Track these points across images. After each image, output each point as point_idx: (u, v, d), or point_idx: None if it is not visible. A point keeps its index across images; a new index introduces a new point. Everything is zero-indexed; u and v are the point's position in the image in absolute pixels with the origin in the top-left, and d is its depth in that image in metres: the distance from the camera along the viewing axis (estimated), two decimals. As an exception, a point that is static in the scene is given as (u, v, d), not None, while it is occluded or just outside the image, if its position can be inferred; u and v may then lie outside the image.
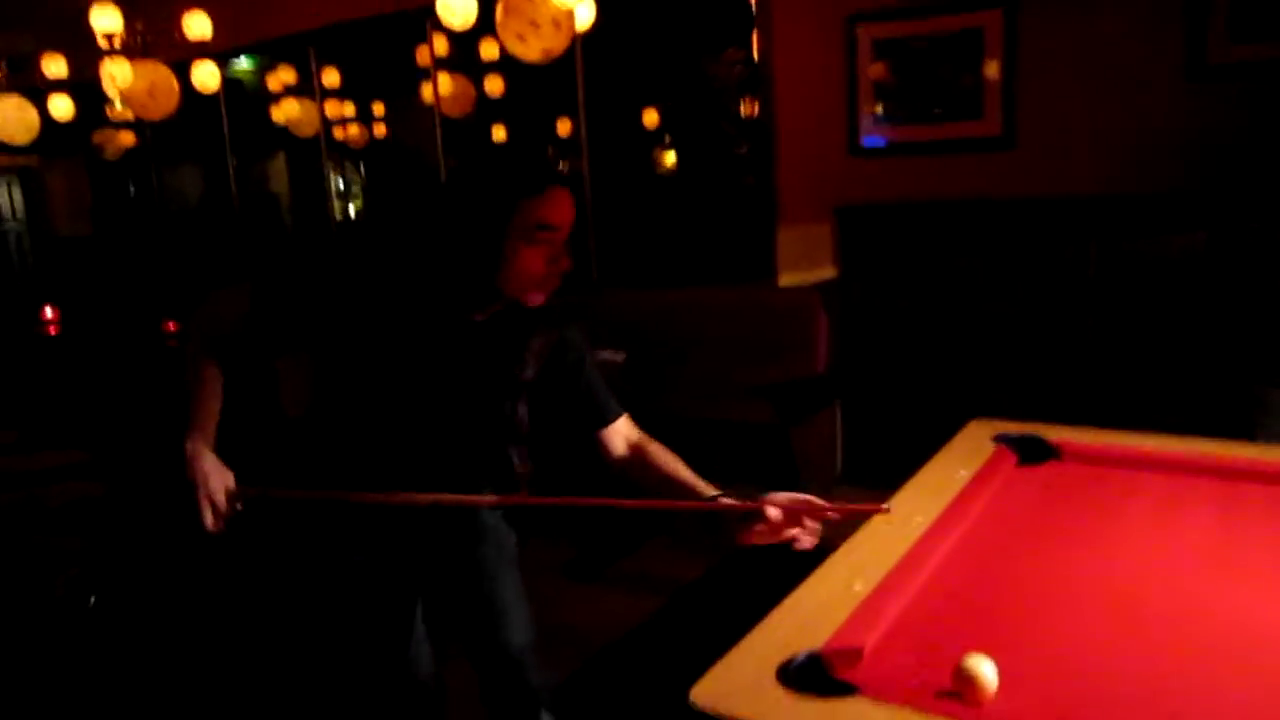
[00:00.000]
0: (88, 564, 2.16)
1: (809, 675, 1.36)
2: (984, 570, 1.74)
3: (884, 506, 1.57)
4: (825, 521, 1.55)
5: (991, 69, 3.84)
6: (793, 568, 1.69)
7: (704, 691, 1.33)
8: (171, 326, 5.40)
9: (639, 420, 1.87)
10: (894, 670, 1.38)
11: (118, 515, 3.15)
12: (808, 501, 1.53)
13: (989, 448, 2.30)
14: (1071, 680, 1.37)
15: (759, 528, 1.54)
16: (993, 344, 3.97)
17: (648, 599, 3.46)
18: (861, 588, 1.60)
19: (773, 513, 1.52)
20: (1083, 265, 3.72)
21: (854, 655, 1.39)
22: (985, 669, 1.30)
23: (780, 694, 1.32)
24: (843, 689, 1.32)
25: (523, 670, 1.91)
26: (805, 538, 1.53)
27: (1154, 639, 1.47)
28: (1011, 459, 2.25)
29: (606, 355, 4.24)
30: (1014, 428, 2.41)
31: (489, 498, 1.79)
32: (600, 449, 1.83)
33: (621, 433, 1.83)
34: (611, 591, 3.49)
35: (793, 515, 1.53)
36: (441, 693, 1.97)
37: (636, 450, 1.81)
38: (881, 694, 1.31)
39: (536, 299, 1.67)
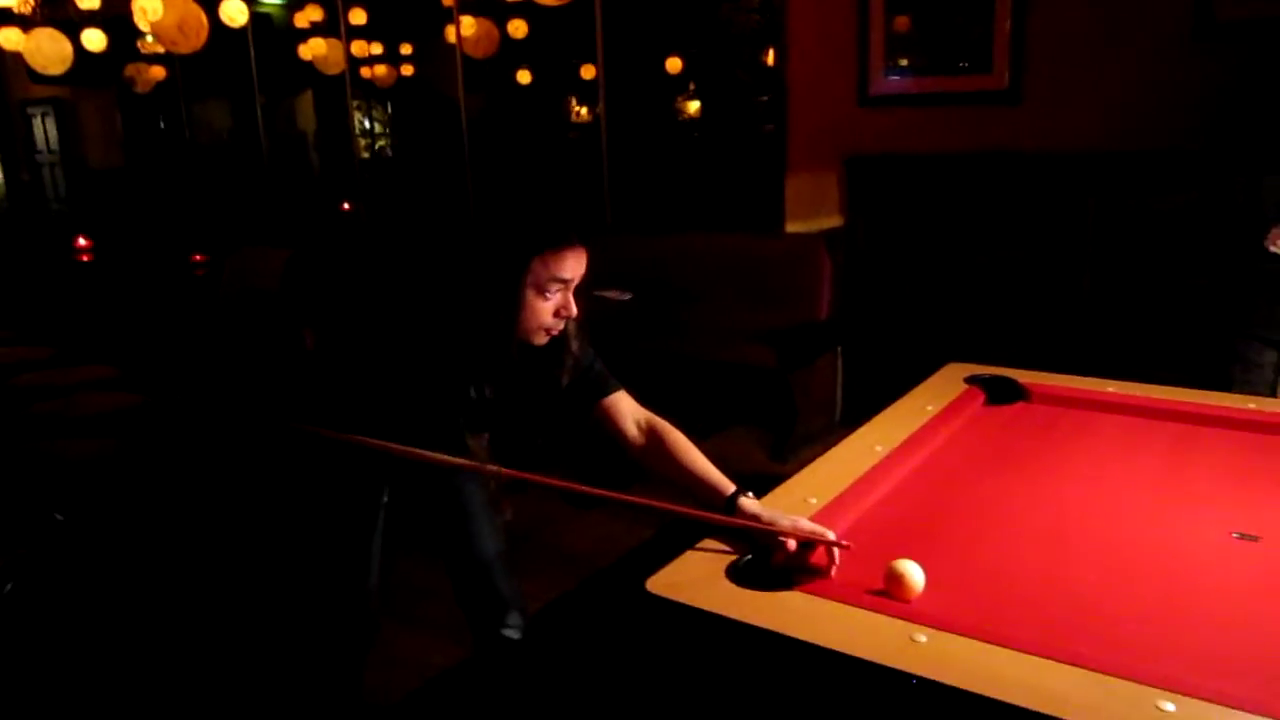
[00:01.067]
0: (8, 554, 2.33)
1: (754, 572, 1.50)
2: (933, 493, 1.87)
3: (845, 544, 1.53)
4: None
5: (1002, 23, 3.88)
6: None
7: (659, 582, 1.48)
8: (198, 258, 5.57)
9: (642, 360, 1.94)
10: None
11: (148, 422, 3.38)
12: (816, 533, 1.54)
13: (960, 387, 2.43)
14: (994, 587, 1.51)
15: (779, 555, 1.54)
16: (991, 294, 4.07)
17: (643, 528, 3.62)
18: (816, 502, 1.74)
19: (791, 544, 1.53)
20: (1081, 220, 3.80)
21: (791, 557, 1.53)
22: (911, 569, 1.44)
23: (726, 586, 1.47)
24: (783, 584, 1.47)
25: (491, 575, 2.07)
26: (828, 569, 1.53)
27: (1077, 557, 1.60)
28: (979, 398, 2.38)
29: (613, 294, 4.37)
30: (987, 370, 2.52)
31: (510, 470, 1.80)
32: (609, 426, 1.86)
33: (626, 410, 1.86)
34: (611, 519, 3.65)
35: (806, 545, 1.54)
36: (381, 598, 2.08)
37: (649, 433, 1.83)
38: (815, 590, 1.45)
39: (540, 340, 1.75)
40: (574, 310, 1.74)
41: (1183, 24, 3.51)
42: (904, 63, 4.17)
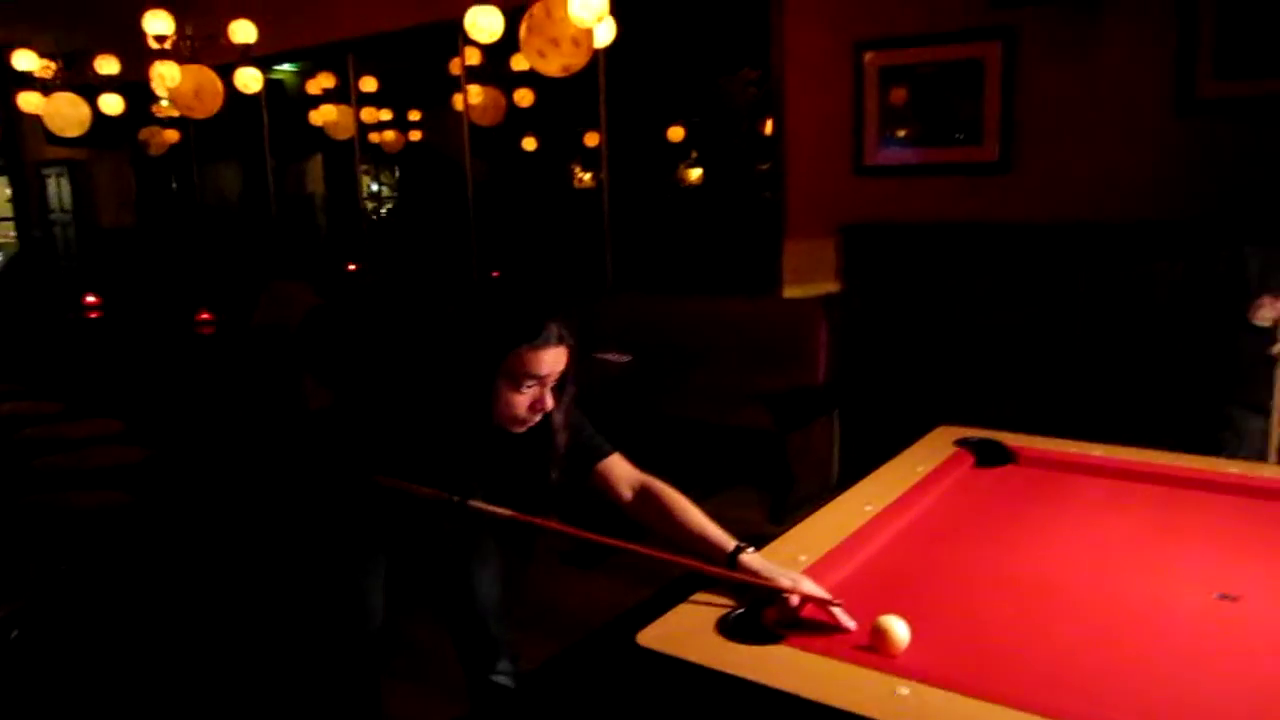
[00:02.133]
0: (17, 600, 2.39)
1: (743, 626, 1.54)
2: (921, 552, 1.91)
3: (851, 626, 1.54)
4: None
5: (991, 98, 4.01)
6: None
7: (650, 635, 1.52)
8: (205, 315, 5.66)
9: (641, 421, 1.99)
10: (821, 628, 1.55)
11: (153, 474, 3.44)
12: (813, 592, 1.57)
13: (950, 450, 2.47)
14: (977, 643, 1.55)
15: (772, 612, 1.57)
16: (985, 359, 4.13)
17: (643, 589, 3.64)
18: (806, 559, 1.78)
19: (795, 600, 1.57)
20: (1072, 287, 3.88)
21: (788, 611, 1.57)
22: (897, 625, 1.48)
23: (717, 640, 1.51)
24: (771, 638, 1.50)
25: (486, 621, 2.13)
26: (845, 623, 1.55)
27: (1060, 615, 1.64)
28: (968, 460, 2.42)
29: (612, 356, 4.44)
30: (976, 433, 2.57)
31: (520, 514, 1.82)
32: (606, 489, 1.91)
33: (621, 473, 1.92)
34: (608, 580, 3.67)
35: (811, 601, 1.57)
36: (388, 642, 2.12)
37: (645, 492, 1.89)
38: (805, 645, 1.49)
39: (516, 429, 1.81)
40: (549, 405, 1.78)
41: (1165, 100, 3.62)
42: (898, 134, 4.30)
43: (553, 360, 1.75)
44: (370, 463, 1.88)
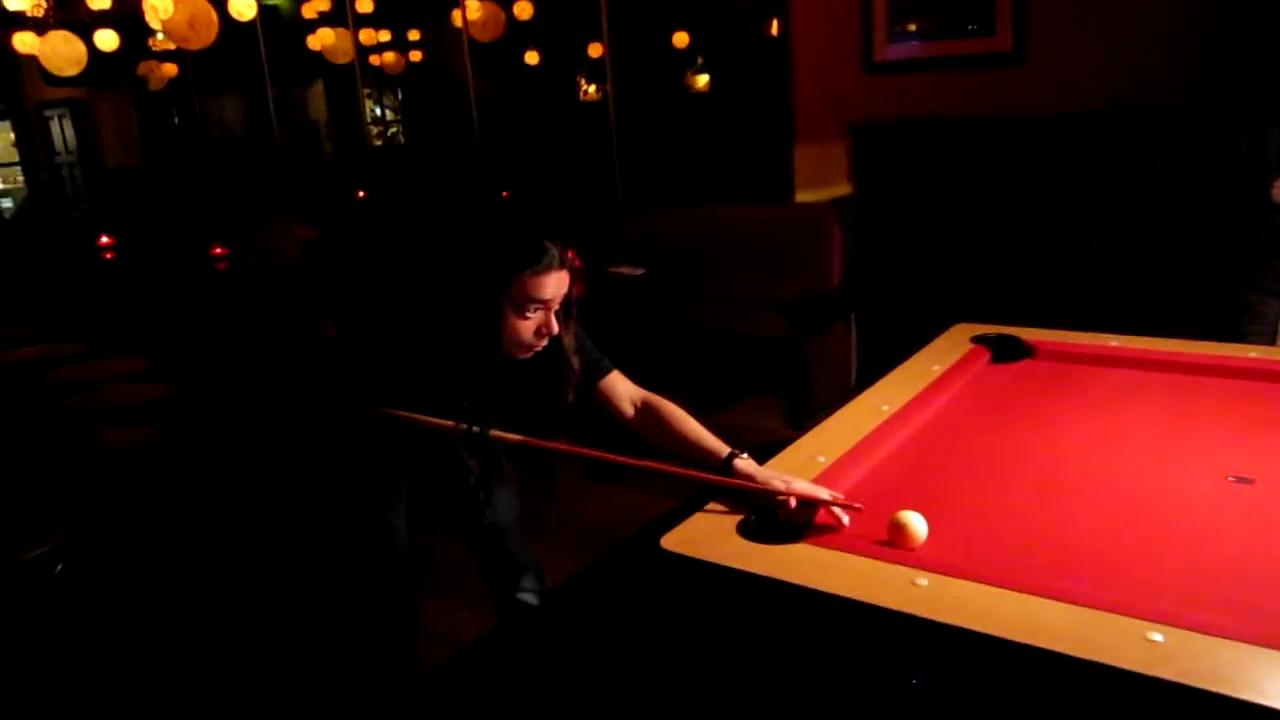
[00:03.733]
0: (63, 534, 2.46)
1: (762, 527, 1.57)
2: (937, 449, 1.93)
3: (857, 505, 1.59)
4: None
5: (1004, -16, 3.89)
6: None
7: (672, 539, 1.55)
8: (219, 250, 5.67)
9: (658, 333, 1.98)
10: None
11: (179, 410, 3.50)
12: (807, 492, 1.60)
13: (967, 347, 2.47)
14: (992, 534, 1.57)
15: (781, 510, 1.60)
16: (1001, 255, 4.09)
17: (664, 499, 3.70)
18: (825, 460, 1.81)
19: (792, 502, 1.60)
20: (1088, 178, 3.81)
21: (791, 512, 1.59)
22: (913, 519, 1.50)
23: (737, 541, 1.54)
24: (791, 537, 1.53)
25: (505, 540, 2.17)
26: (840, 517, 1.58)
27: (1074, 504, 1.66)
28: (985, 356, 2.42)
29: (625, 270, 4.43)
30: (993, 329, 2.57)
31: (530, 438, 1.83)
32: (606, 406, 1.94)
33: (622, 389, 1.95)
34: (629, 491, 3.72)
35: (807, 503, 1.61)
36: (417, 562, 2.17)
37: (645, 407, 1.93)
38: (822, 542, 1.52)
39: (522, 355, 1.80)
40: (555, 328, 1.79)
41: (1184, -24, 3.50)
42: (908, 28, 4.18)
43: (556, 284, 1.75)
44: (381, 394, 1.89)
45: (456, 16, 7.05)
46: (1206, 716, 1.10)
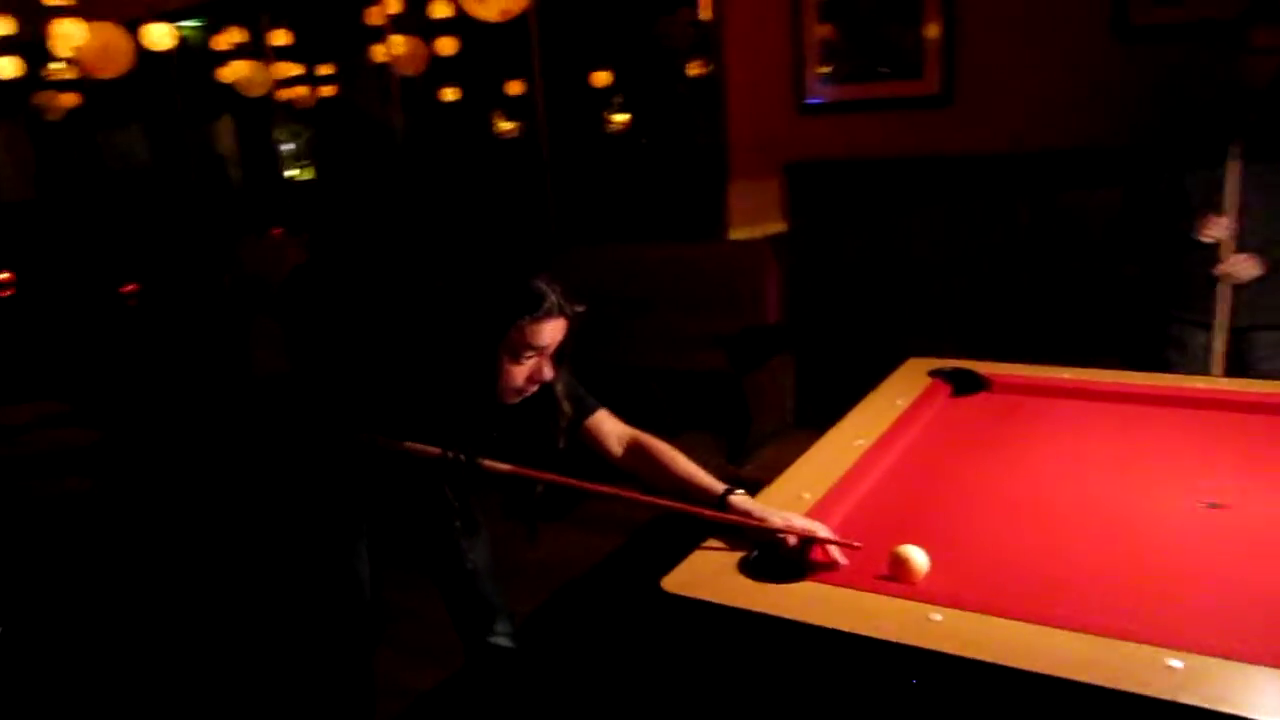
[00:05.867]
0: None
1: (764, 565, 1.55)
2: (917, 481, 1.95)
3: (856, 544, 1.58)
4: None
5: (931, 29, 4.02)
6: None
7: (674, 580, 1.52)
8: (131, 287, 5.41)
9: (599, 370, 1.97)
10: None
11: (109, 456, 3.31)
12: (806, 529, 1.59)
13: (925, 381, 2.51)
14: (992, 565, 1.58)
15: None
16: (934, 291, 4.20)
17: (610, 537, 3.66)
18: (810, 497, 1.80)
19: (791, 540, 1.57)
20: (1015, 217, 3.96)
21: (792, 551, 1.58)
22: (916, 554, 1.50)
23: (740, 580, 1.51)
24: (794, 575, 1.51)
25: (478, 583, 2.12)
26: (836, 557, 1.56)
27: (1064, 532, 1.69)
28: (945, 390, 2.47)
29: (566, 307, 4.38)
30: (948, 363, 2.62)
31: (528, 470, 1.80)
32: (596, 447, 1.92)
33: (610, 428, 1.93)
34: (575, 531, 3.67)
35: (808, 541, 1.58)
36: (381, 610, 2.12)
37: (634, 446, 1.90)
38: (827, 580, 1.51)
39: (511, 400, 1.78)
40: (548, 375, 1.76)
41: (1102, 26, 3.67)
42: (840, 70, 4.28)
43: (553, 331, 1.73)
44: (358, 429, 1.82)
45: (378, 51, 6.97)
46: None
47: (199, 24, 8.47)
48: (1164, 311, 3.26)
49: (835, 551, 1.57)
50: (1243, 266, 2.97)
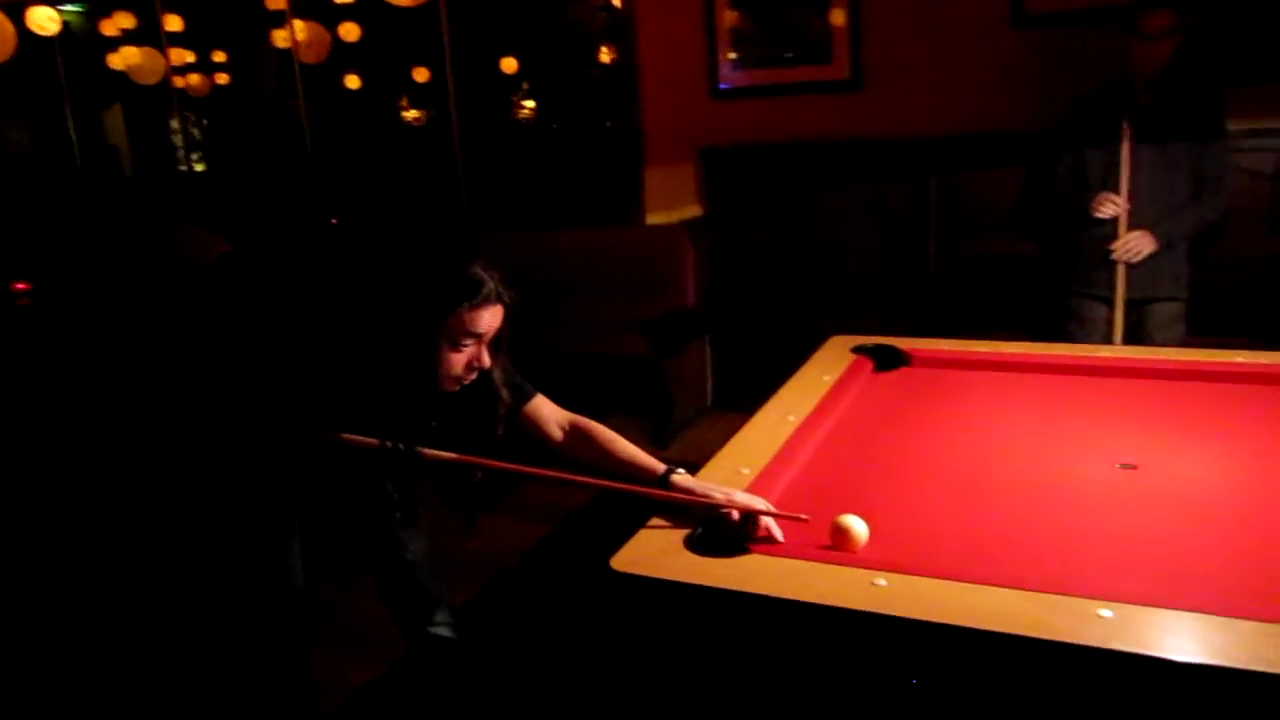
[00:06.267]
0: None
1: (709, 541, 1.58)
2: (850, 453, 2.00)
3: (803, 517, 1.60)
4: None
5: (838, 16, 4.11)
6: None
7: (622, 559, 1.53)
8: (21, 285, 5.15)
9: (520, 357, 1.97)
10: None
11: (16, 460, 3.15)
12: (748, 504, 1.61)
13: (849, 358, 2.58)
14: (927, 530, 1.64)
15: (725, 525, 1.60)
16: (847, 271, 4.32)
17: (539, 526, 3.65)
18: (748, 472, 1.84)
19: (735, 515, 1.59)
20: (925, 197, 4.08)
21: (734, 525, 1.61)
22: (856, 523, 1.55)
23: (688, 556, 1.54)
24: (738, 549, 1.55)
25: (417, 573, 2.10)
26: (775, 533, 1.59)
27: (990, 496, 1.77)
28: (869, 365, 2.54)
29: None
30: (870, 340, 2.69)
31: (470, 457, 1.79)
32: (535, 432, 1.92)
33: (548, 413, 1.93)
34: (508, 519, 3.66)
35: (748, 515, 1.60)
36: (311, 608, 2.08)
37: (573, 430, 1.91)
38: (771, 551, 1.54)
39: (450, 388, 1.76)
40: (487, 362, 1.75)
41: (1003, 13, 3.81)
42: (751, 56, 4.34)
43: (491, 318, 1.72)
44: (291, 423, 1.79)
45: (278, 37, 6.77)
46: (1153, 679, 1.19)
47: (81, 9, 8.10)
48: (1063, 286, 3.41)
49: (773, 524, 1.60)
50: (1137, 243, 3.13)
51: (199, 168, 9.91)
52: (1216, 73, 3.39)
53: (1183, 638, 1.22)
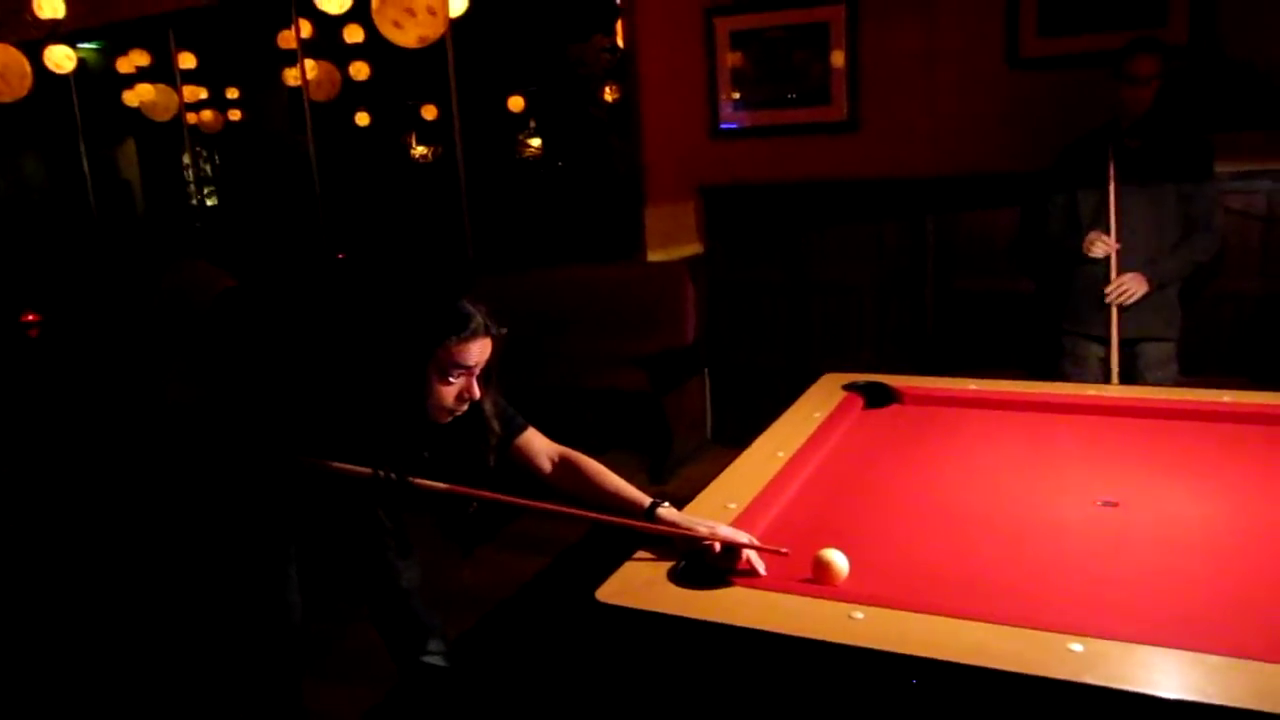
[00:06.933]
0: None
1: (692, 574, 1.61)
2: (836, 489, 2.03)
3: (783, 550, 1.63)
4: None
5: (837, 59, 4.19)
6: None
7: (607, 591, 1.56)
8: (31, 317, 5.22)
9: (522, 392, 2.00)
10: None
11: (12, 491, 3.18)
12: (731, 538, 1.64)
13: (840, 395, 2.62)
14: (908, 564, 1.67)
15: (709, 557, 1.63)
16: (845, 310, 4.36)
17: (535, 559, 3.67)
18: (735, 506, 1.87)
19: (717, 547, 1.62)
20: (920, 237, 4.14)
21: (716, 557, 1.64)
22: (837, 557, 1.58)
23: (671, 589, 1.57)
24: (720, 581, 1.57)
25: (410, 603, 2.13)
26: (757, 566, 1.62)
27: (972, 532, 1.79)
28: (859, 403, 2.57)
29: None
30: (861, 378, 2.73)
31: (461, 488, 1.83)
32: (525, 465, 1.95)
33: (539, 446, 1.97)
34: (503, 552, 3.67)
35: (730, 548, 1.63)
36: (307, 638, 2.10)
37: (562, 462, 1.95)
38: (752, 584, 1.57)
39: (442, 420, 1.80)
40: (477, 393, 1.79)
41: (996, 56, 3.88)
42: (752, 97, 4.42)
43: (479, 350, 1.76)
44: (287, 452, 1.83)
45: (289, 75, 6.92)
46: (1125, 714, 1.21)
47: (97, 47, 8.26)
48: (1057, 325, 3.45)
49: (755, 558, 1.63)
50: (1130, 286, 3.16)
51: (210, 202, 10.05)
52: (1206, 118, 3.44)
53: (1154, 672, 1.25)
